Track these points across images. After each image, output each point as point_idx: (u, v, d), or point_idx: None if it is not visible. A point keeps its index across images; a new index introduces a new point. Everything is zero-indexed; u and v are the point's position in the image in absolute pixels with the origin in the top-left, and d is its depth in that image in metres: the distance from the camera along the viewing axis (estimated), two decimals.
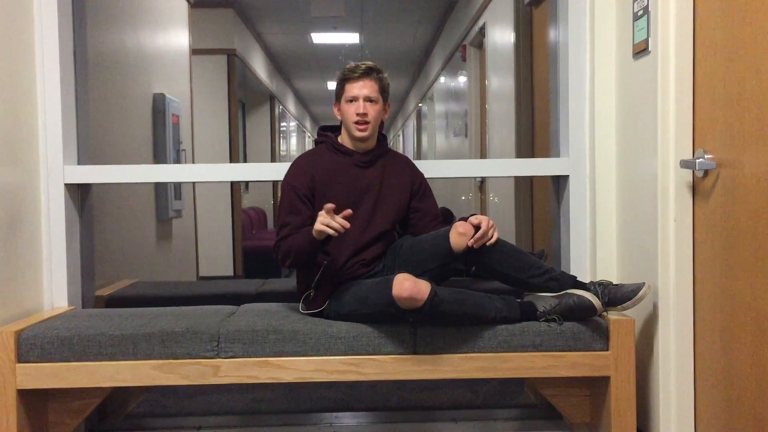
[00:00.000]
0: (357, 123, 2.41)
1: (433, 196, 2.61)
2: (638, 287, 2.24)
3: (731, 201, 1.97)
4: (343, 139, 2.51)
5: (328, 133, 2.56)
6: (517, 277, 2.36)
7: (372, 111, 2.42)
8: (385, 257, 2.49)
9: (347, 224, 2.20)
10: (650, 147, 2.30)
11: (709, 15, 2.09)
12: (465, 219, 2.35)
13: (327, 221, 2.18)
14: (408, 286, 2.12)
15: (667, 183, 2.22)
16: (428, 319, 2.22)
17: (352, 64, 2.47)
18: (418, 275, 2.20)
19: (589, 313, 2.25)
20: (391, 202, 2.49)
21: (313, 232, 2.24)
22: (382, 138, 2.55)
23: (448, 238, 2.30)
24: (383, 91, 2.47)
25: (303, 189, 2.41)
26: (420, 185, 2.57)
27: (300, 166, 2.48)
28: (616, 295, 2.26)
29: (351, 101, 2.42)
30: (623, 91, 2.56)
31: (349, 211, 2.24)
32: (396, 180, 2.51)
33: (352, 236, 2.40)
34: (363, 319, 2.30)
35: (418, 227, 2.54)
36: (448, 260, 2.34)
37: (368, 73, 2.44)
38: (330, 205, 2.20)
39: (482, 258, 2.33)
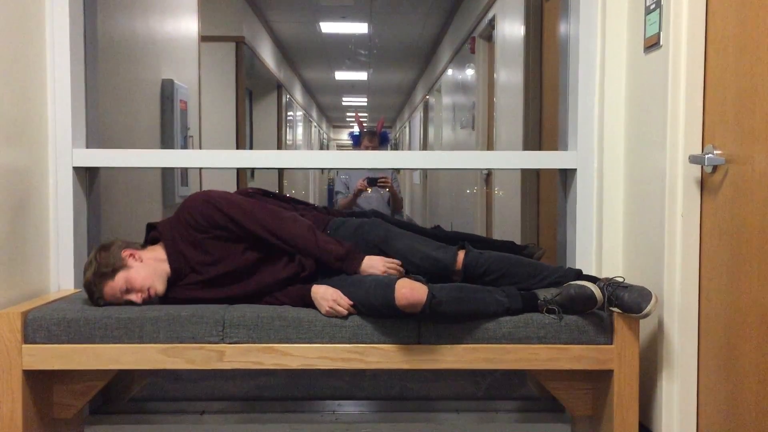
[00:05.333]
0: None
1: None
2: (645, 301, 2.13)
3: (739, 197, 1.97)
4: None
5: None
6: (522, 288, 2.37)
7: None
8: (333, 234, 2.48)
9: (354, 312, 2.28)
10: (659, 141, 2.30)
11: (721, 10, 2.08)
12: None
13: (335, 311, 2.26)
14: (405, 293, 2.12)
15: (675, 178, 2.22)
16: (429, 320, 2.23)
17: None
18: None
19: (591, 303, 2.21)
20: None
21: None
22: None
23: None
24: None
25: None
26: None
27: None
28: (622, 305, 2.19)
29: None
30: (633, 85, 2.56)
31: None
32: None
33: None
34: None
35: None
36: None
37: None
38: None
39: (478, 281, 2.37)
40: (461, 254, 2.40)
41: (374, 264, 2.35)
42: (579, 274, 2.40)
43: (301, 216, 2.47)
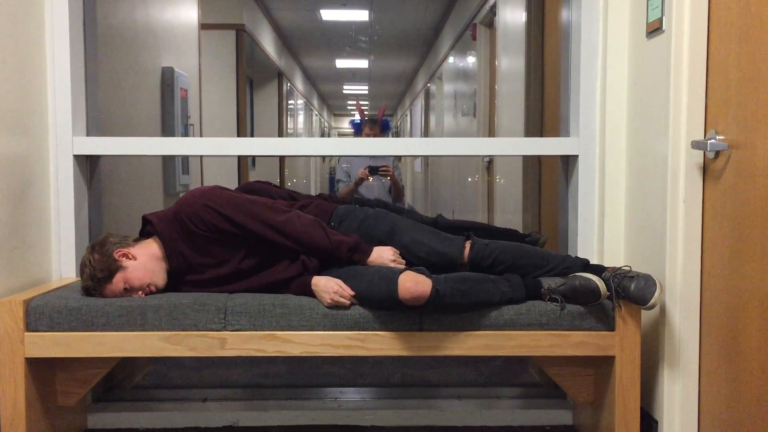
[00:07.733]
0: None
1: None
2: (650, 292, 2.13)
3: (742, 182, 1.96)
4: None
5: None
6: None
7: None
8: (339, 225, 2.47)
9: (356, 303, 2.26)
10: (661, 127, 2.29)
11: None
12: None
13: (338, 303, 2.24)
14: (409, 287, 2.12)
15: (678, 164, 2.21)
16: (432, 312, 2.24)
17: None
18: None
19: (594, 297, 2.22)
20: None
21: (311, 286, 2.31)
22: None
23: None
24: None
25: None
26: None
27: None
28: (627, 296, 2.19)
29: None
30: (635, 71, 2.55)
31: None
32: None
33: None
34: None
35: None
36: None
37: None
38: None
39: (484, 271, 2.37)
40: (467, 247, 2.39)
41: (383, 254, 2.34)
42: (586, 265, 2.39)
43: (300, 209, 2.46)
